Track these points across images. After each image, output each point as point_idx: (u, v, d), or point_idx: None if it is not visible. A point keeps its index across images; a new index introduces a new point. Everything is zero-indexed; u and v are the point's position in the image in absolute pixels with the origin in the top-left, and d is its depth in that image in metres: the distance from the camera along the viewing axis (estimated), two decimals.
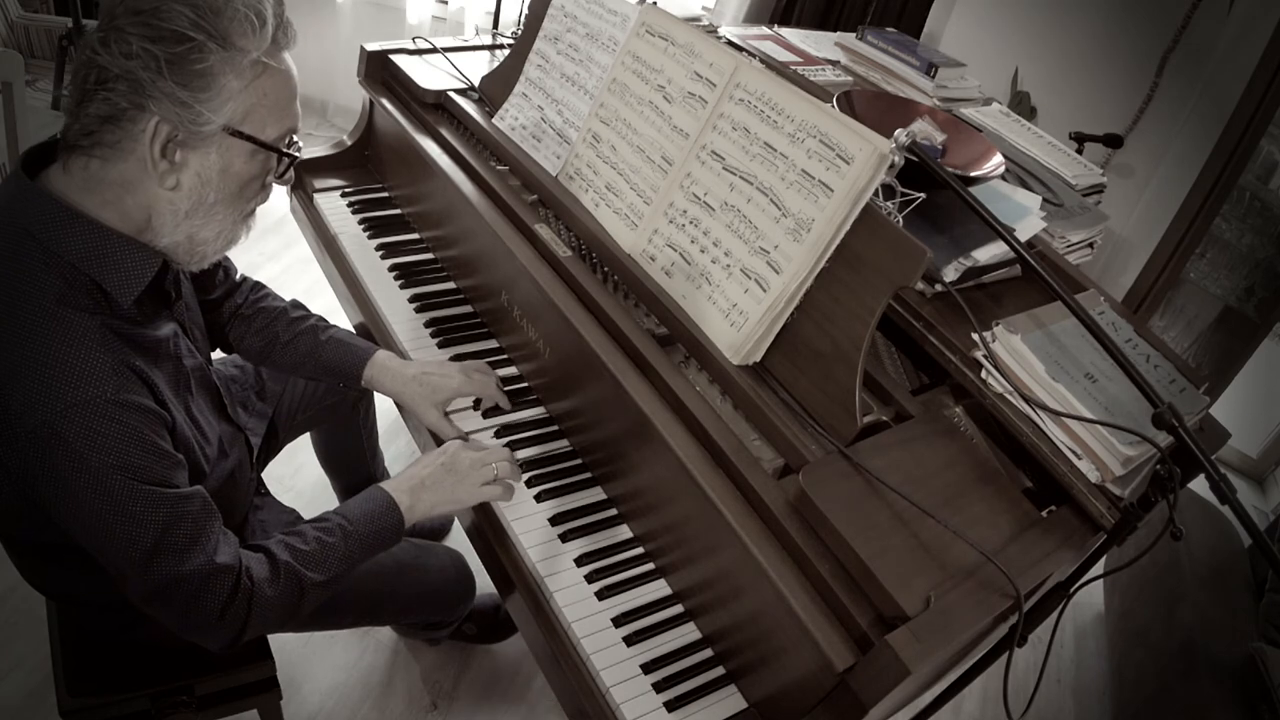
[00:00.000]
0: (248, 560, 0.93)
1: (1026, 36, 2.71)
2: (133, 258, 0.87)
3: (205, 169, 0.86)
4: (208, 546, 0.89)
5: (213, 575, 0.88)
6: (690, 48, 1.21)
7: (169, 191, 0.86)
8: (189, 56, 0.80)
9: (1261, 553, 1.34)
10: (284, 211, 1.78)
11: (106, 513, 0.82)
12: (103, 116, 0.81)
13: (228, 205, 0.91)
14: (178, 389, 0.96)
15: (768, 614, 0.95)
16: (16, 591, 1.65)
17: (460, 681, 1.73)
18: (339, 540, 1.00)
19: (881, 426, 1.07)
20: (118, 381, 0.83)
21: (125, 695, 1.11)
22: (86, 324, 0.83)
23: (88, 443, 0.80)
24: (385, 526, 1.05)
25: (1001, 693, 0.93)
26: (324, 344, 1.29)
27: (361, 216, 1.66)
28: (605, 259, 1.29)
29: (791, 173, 1.07)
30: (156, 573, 0.86)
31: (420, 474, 1.10)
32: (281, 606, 0.95)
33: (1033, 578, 0.94)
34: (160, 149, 0.83)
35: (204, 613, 0.89)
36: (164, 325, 0.96)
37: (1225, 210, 2.58)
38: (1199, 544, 1.99)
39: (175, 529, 0.86)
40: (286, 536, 0.99)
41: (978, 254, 1.21)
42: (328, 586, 1.00)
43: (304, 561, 0.97)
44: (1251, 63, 2.33)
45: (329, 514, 1.03)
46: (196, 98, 0.82)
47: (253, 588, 0.92)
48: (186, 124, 0.82)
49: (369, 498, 1.06)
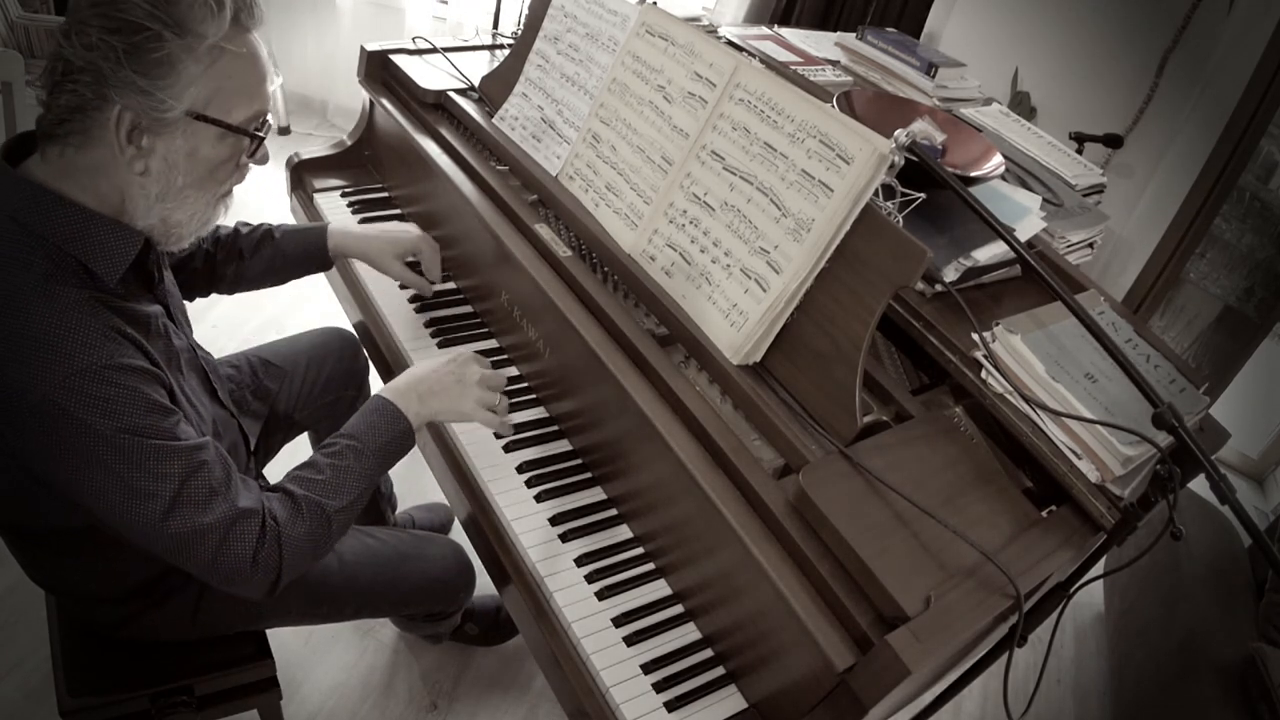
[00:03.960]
0: (270, 504, 0.93)
1: (1026, 36, 2.71)
2: (115, 237, 0.89)
3: (172, 153, 0.88)
4: (229, 494, 0.89)
5: (238, 521, 0.89)
6: (690, 48, 1.21)
7: (139, 176, 0.88)
8: (146, 45, 0.82)
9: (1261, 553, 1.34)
10: (284, 211, 1.78)
11: (124, 472, 0.83)
12: (71, 107, 0.83)
13: (198, 188, 0.92)
14: (170, 366, 0.97)
15: (768, 614, 0.96)
16: (16, 591, 1.65)
17: (460, 681, 1.73)
18: (352, 461, 1.00)
19: (881, 426, 1.07)
20: (111, 347, 0.84)
21: (125, 695, 1.11)
22: (75, 296, 0.84)
23: (92, 410, 0.81)
24: (394, 436, 1.04)
25: (1001, 693, 0.93)
26: (282, 241, 1.35)
27: (361, 216, 1.66)
28: (605, 259, 1.29)
29: (791, 173, 1.07)
30: (180, 526, 0.86)
31: (428, 378, 1.09)
32: (311, 541, 0.95)
33: (1033, 578, 0.94)
34: (126, 136, 0.84)
35: (236, 560, 0.89)
36: (150, 305, 0.97)
37: (1225, 210, 2.58)
38: (1199, 544, 1.99)
39: (193, 480, 0.87)
40: (300, 471, 0.99)
41: (978, 254, 1.21)
42: (351, 509, 0.99)
43: (322, 491, 0.97)
44: (1251, 63, 2.33)
45: (335, 437, 1.03)
46: (156, 85, 0.83)
47: (279, 528, 0.92)
48: (149, 111, 0.84)
49: (373, 408, 1.05)
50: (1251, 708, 1.59)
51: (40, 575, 1.09)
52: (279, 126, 3.32)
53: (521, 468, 1.22)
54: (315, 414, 1.53)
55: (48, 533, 1.00)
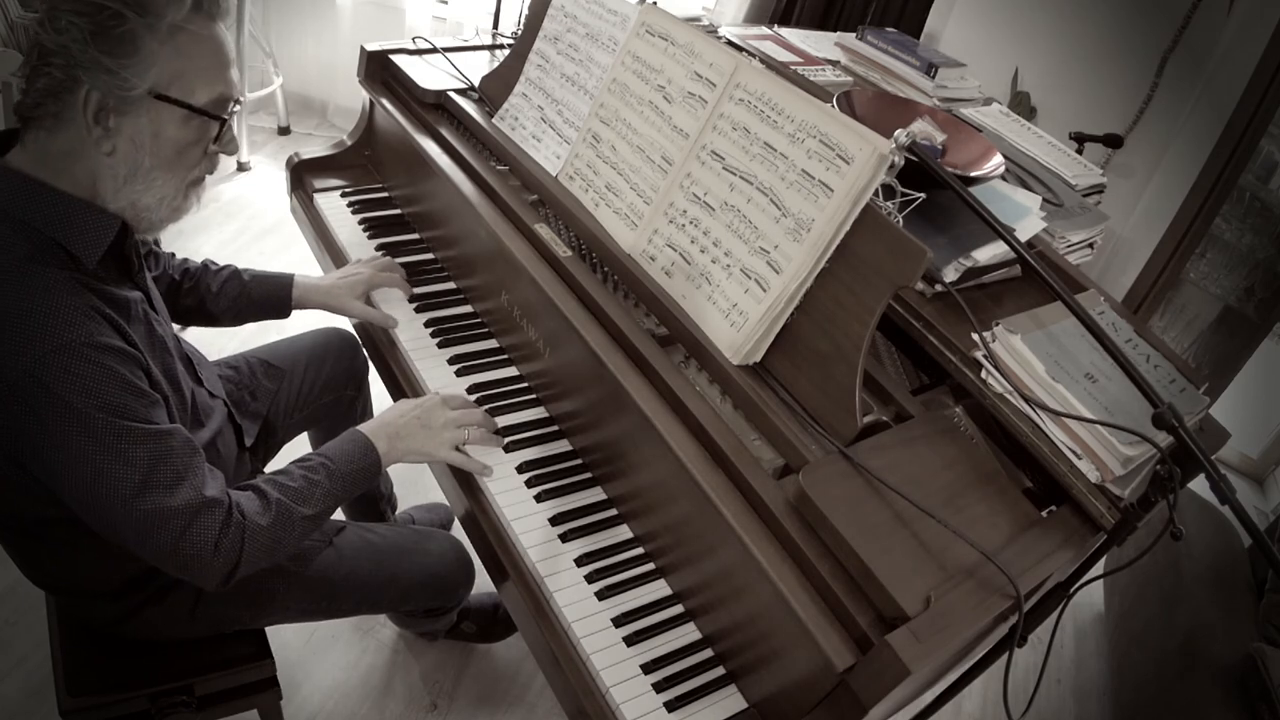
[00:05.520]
0: (237, 496, 0.97)
1: (1026, 36, 2.71)
2: (94, 220, 0.92)
3: (137, 134, 0.91)
4: (195, 480, 0.92)
5: (203, 508, 0.91)
6: (690, 48, 1.21)
7: (107, 157, 0.91)
8: (109, 24, 0.85)
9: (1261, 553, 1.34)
10: (284, 211, 1.78)
11: (93, 453, 0.85)
12: (45, 90, 0.87)
13: (166, 170, 0.95)
14: (151, 350, 0.99)
15: (768, 614, 0.96)
16: (17, 591, 1.65)
17: (460, 681, 1.73)
18: (323, 478, 1.05)
19: (881, 426, 1.07)
20: (92, 325, 0.87)
21: (125, 695, 1.11)
22: (57, 276, 0.87)
23: (68, 386, 0.84)
24: (364, 466, 1.10)
25: (1001, 693, 0.93)
26: (249, 284, 1.38)
27: (361, 216, 1.66)
28: (605, 259, 1.29)
29: (791, 173, 1.07)
30: (146, 507, 0.88)
31: (396, 422, 1.15)
32: (273, 538, 0.98)
33: (1033, 578, 0.94)
34: (94, 116, 0.88)
35: (198, 545, 0.91)
36: (130, 290, 0.99)
37: (1225, 210, 2.58)
38: (1199, 544, 1.99)
39: (162, 464, 0.89)
40: (274, 475, 1.04)
41: (978, 254, 1.21)
42: (315, 520, 1.04)
43: (293, 496, 1.01)
44: (1251, 63, 2.33)
45: (311, 455, 1.08)
46: (120, 64, 0.87)
47: (244, 520, 0.95)
48: (114, 90, 0.87)
49: (349, 439, 1.11)
50: (1251, 708, 1.59)
51: (35, 572, 1.09)
52: (279, 126, 3.33)
53: (521, 468, 1.22)
54: (315, 414, 1.53)
55: (33, 523, 1.01)
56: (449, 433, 1.17)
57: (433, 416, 1.17)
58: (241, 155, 3.11)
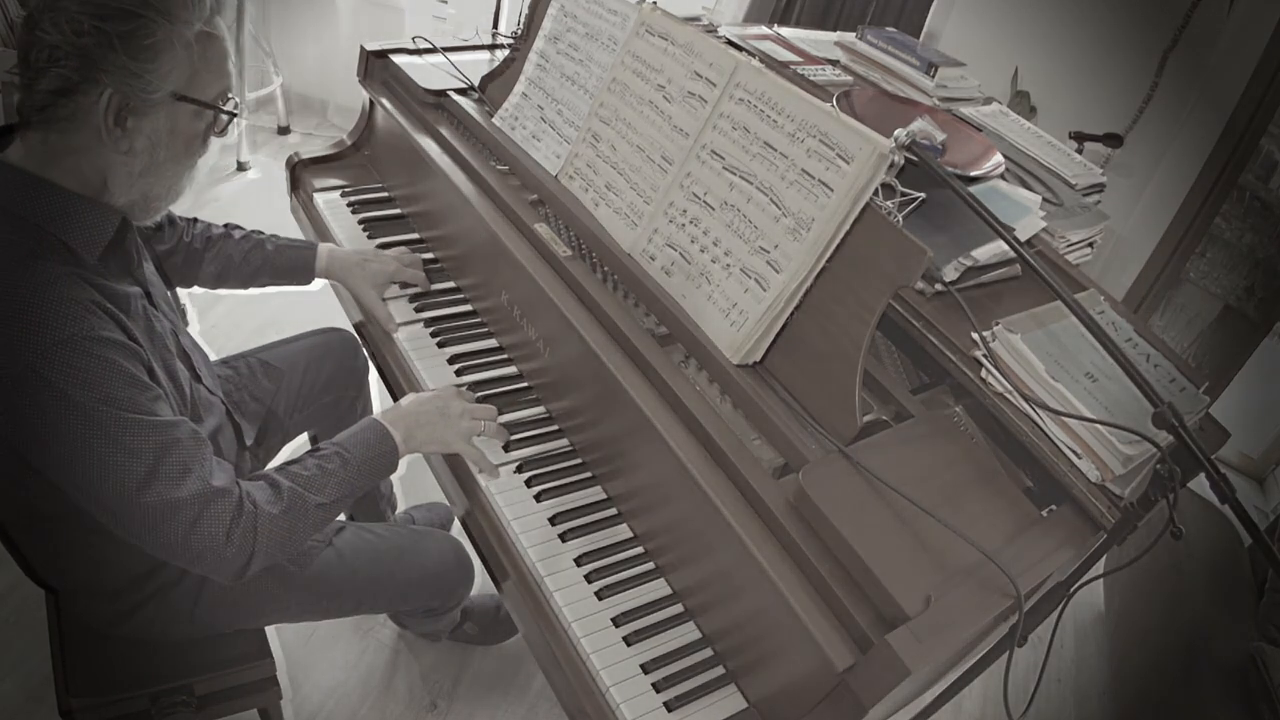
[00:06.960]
0: (248, 487, 0.96)
1: (1027, 36, 2.71)
2: (95, 216, 0.93)
3: (155, 132, 0.92)
4: (202, 471, 0.91)
5: (212, 499, 0.91)
6: (690, 47, 1.21)
7: (123, 155, 0.92)
8: (138, 32, 0.86)
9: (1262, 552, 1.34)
10: (284, 211, 1.78)
11: (98, 446, 0.85)
12: (54, 90, 0.87)
13: (176, 161, 0.97)
14: (151, 345, 0.99)
15: (767, 613, 0.95)
16: (17, 591, 1.64)
17: (460, 681, 1.73)
18: (338, 466, 1.04)
19: (881, 426, 1.07)
20: (92, 320, 0.87)
21: (125, 695, 1.11)
22: (57, 271, 0.87)
23: (71, 380, 0.84)
24: (380, 453, 1.09)
25: (1001, 693, 0.93)
26: (274, 252, 1.41)
27: (361, 216, 1.66)
28: (605, 258, 1.29)
29: (791, 172, 1.07)
30: (153, 500, 0.88)
31: (414, 411, 1.15)
32: (288, 527, 0.97)
33: (1033, 578, 0.94)
34: (113, 118, 0.89)
35: (208, 537, 0.91)
36: (129, 286, 1.00)
37: (1225, 210, 2.58)
38: (1199, 544, 1.99)
39: (168, 455, 0.89)
40: (286, 465, 1.03)
41: (978, 254, 1.21)
42: (329, 509, 1.03)
43: (306, 485, 1.01)
44: (1251, 62, 2.33)
45: (324, 444, 1.07)
46: (146, 69, 0.87)
47: (256, 510, 0.94)
48: (138, 93, 0.88)
49: (365, 426, 1.10)
50: (1252, 708, 1.59)
51: (34, 571, 1.09)
52: (279, 126, 3.33)
53: (521, 467, 1.22)
54: (315, 414, 1.53)
55: (33, 520, 1.01)
56: (466, 422, 1.17)
57: (450, 405, 1.17)
58: (241, 155, 3.11)
